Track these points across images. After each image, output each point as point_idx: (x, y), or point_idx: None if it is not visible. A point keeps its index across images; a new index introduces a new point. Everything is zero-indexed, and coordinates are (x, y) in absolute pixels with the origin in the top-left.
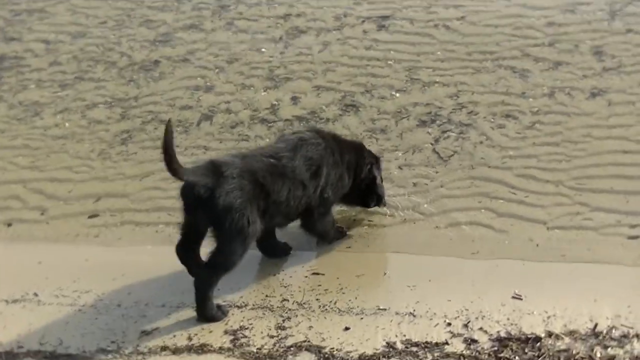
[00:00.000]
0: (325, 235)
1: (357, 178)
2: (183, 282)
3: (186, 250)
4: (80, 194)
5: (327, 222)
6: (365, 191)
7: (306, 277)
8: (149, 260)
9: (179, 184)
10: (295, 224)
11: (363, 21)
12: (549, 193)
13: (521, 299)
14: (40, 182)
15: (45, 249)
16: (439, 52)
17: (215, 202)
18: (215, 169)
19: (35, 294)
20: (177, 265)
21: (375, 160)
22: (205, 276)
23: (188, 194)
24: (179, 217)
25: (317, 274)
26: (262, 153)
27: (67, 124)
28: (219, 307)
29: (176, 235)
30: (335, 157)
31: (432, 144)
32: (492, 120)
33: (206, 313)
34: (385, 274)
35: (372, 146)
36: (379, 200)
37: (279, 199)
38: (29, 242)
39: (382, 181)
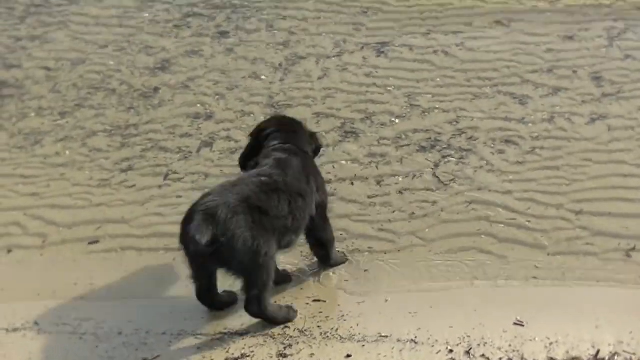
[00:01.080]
0: (329, 245)
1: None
2: (184, 309)
3: (208, 294)
4: (81, 220)
5: (328, 230)
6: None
7: (307, 304)
8: (150, 287)
9: (178, 210)
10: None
11: (362, 48)
12: (549, 217)
13: (523, 326)
14: (41, 209)
15: (45, 276)
16: (438, 79)
17: (224, 248)
18: (208, 217)
19: (36, 323)
20: (178, 292)
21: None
22: (254, 308)
23: (192, 250)
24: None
25: (318, 300)
26: (250, 175)
27: (67, 152)
28: (288, 307)
29: (176, 261)
30: (313, 162)
31: (432, 169)
32: (492, 145)
33: (279, 320)
34: (386, 300)
35: (372, 171)
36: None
37: (281, 214)
38: (29, 269)
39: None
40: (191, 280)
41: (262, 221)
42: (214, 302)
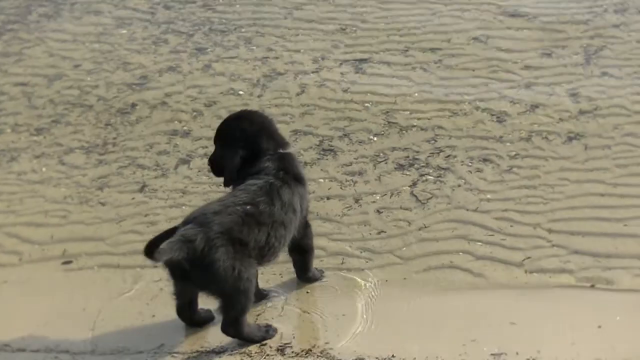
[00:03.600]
0: (310, 252)
1: None
2: (160, 327)
3: (187, 311)
4: (57, 238)
5: (309, 236)
6: None
7: (284, 322)
8: (126, 305)
9: (155, 227)
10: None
11: (340, 64)
12: (526, 236)
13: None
14: (16, 227)
15: (19, 294)
16: (416, 94)
17: (201, 276)
18: (188, 242)
19: (7, 345)
20: (154, 310)
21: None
22: (231, 330)
23: (172, 269)
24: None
25: (296, 318)
26: (235, 202)
27: (43, 169)
28: (267, 326)
29: (153, 279)
30: (297, 182)
31: (410, 187)
32: (470, 164)
33: (256, 340)
34: (364, 317)
35: (350, 189)
36: None
37: (258, 245)
38: (1, 287)
39: None
40: (173, 295)
41: (242, 250)
42: (193, 319)
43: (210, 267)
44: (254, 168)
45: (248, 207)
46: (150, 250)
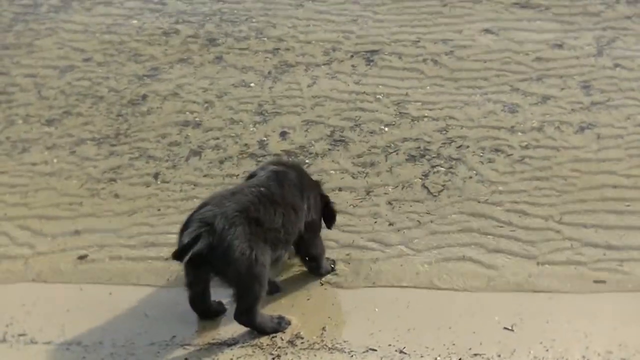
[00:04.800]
0: (319, 259)
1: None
2: (171, 319)
3: (200, 302)
4: (69, 230)
5: (318, 245)
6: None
7: (295, 314)
8: (138, 297)
9: (167, 219)
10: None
11: (352, 56)
12: (538, 228)
13: (513, 331)
14: (28, 219)
15: (32, 286)
16: (427, 87)
17: (220, 258)
18: (205, 225)
19: (23, 334)
20: (166, 302)
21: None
22: (244, 318)
23: (187, 257)
24: (167, 253)
25: (306, 312)
26: (249, 185)
27: (55, 160)
28: (279, 318)
29: (165, 271)
30: (309, 181)
31: (421, 178)
32: (482, 154)
33: (268, 331)
34: (375, 310)
35: (361, 181)
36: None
37: (274, 226)
38: (16, 279)
39: None
40: (185, 286)
41: (258, 232)
42: (205, 310)
43: (229, 248)
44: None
45: (262, 188)
46: (180, 255)
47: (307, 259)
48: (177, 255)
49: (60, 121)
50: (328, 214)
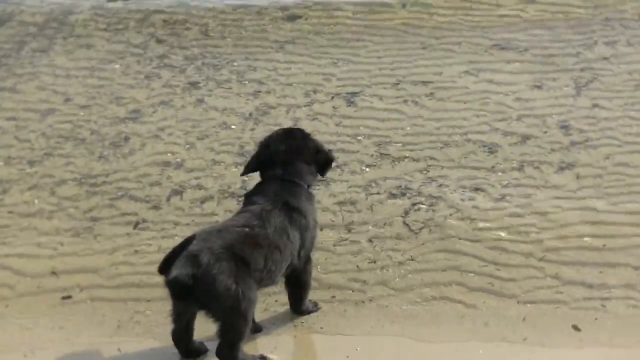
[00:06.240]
0: (306, 286)
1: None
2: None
3: (184, 337)
4: (50, 269)
5: (309, 270)
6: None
7: (279, 355)
8: (121, 338)
9: (147, 259)
10: None
11: (332, 97)
12: (519, 266)
13: None
14: (9, 259)
15: (15, 328)
16: (408, 127)
17: (205, 291)
18: (193, 258)
19: None
20: (147, 343)
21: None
22: (225, 354)
23: (175, 288)
24: (148, 293)
25: (288, 355)
26: (234, 224)
27: (36, 201)
28: (261, 357)
29: (144, 310)
30: (304, 202)
31: (402, 216)
32: (462, 193)
33: None
34: (356, 349)
35: (342, 219)
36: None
37: (257, 268)
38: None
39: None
40: (171, 318)
41: (244, 269)
42: (187, 347)
43: (213, 281)
44: (261, 186)
45: (246, 228)
46: (164, 268)
47: (293, 284)
48: (162, 268)
49: (42, 162)
50: (321, 161)
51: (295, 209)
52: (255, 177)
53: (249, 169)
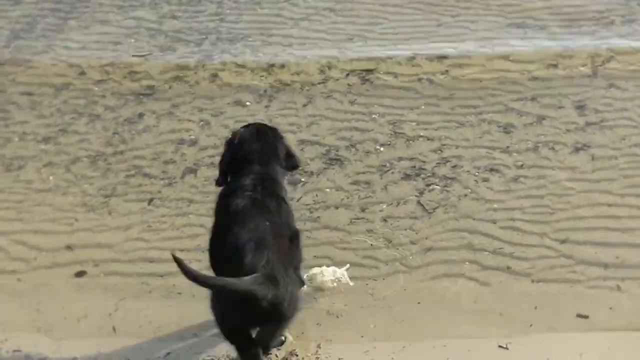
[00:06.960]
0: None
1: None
2: (167, 336)
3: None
4: (64, 245)
5: (299, 300)
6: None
7: (290, 331)
8: (132, 314)
9: (160, 235)
10: None
11: (347, 75)
12: (533, 245)
13: (507, 349)
14: (24, 234)
15: (26, 301)
16: (422, 106)
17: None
18: (271, 278)
19: (16, 351)
20: (161, 319)
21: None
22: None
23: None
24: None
25: (300, 331)
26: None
27: (51, 178)
28: None
29: (160, 288)
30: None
31: (416, 196)
32: (477, 174)
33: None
34: (371, 326)
35: (356, 198)
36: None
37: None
38: (14, 295)
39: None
40: (238, 354)
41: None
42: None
43: (292, 297)
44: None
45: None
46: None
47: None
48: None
49: (56, 139)
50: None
51: (283, 198)
52: None
53: (224, 174)
